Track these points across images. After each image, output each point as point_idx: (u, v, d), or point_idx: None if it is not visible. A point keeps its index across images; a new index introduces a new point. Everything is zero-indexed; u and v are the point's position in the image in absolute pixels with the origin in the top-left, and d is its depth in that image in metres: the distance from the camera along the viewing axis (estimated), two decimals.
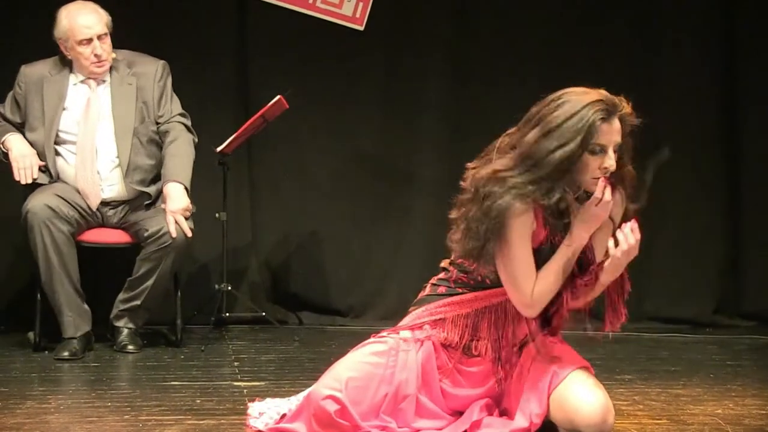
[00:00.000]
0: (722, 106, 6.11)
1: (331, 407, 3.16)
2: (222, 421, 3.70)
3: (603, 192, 3.08)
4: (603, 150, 3.07)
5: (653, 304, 6.02)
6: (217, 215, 5.44)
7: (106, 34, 4.99)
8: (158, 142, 5.09)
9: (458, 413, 3.33)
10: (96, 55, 4.97)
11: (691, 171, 6.05)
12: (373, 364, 3.26)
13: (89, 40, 4.96)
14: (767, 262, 6.03)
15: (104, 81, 5.07)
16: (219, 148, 5.36)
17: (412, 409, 3.25)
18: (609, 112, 3.06)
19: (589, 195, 3.12)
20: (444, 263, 3.41)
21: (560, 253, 3.18)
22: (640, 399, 4.11)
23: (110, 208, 5.02)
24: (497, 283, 3.25)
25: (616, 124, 3.08)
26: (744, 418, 3.86)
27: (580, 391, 3.10)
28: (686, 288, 6.04)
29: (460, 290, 3.33)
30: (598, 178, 3.09)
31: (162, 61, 5.16)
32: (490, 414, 3.29)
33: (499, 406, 3.32)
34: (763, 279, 6.02)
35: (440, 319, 3.33)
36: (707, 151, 6.09)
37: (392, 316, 4.89)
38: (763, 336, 5.70)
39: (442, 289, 3.38)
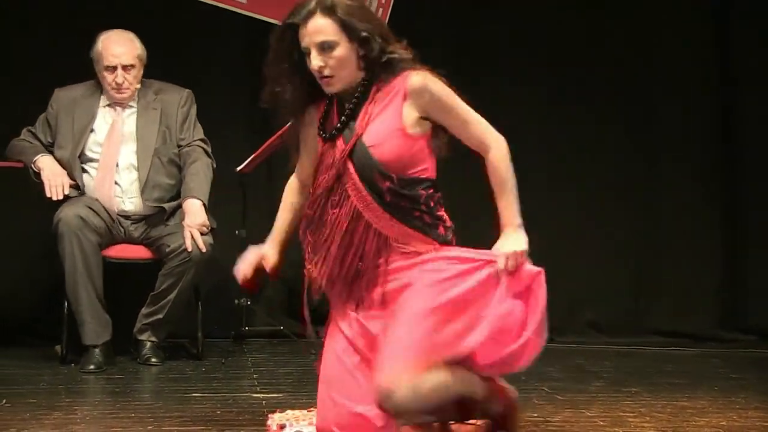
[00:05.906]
0: (721, 119, 6.15)
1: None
2: (242, 431, 3.79)
3: None
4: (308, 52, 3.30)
5: (655, 319, 6.05)
6: (236, 232, 5.54)
7: (132, 65, 5.15)
8: (178, 164, 5.24)
9: None
10: (117, 83, 5.14)
11: (691, 185, 6.10)
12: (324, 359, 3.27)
13: (114, 68, 5.13)
14: None
15: (131, 106, 5.24)
16: (239, 168, 5.47)
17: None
18: (297, 16, 3.30)
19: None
20: None
21: None
22: (647, 411, 4.15)
23: (131, 223, 5.16)
24: None
25: (310, 26, 3.28)
26: (748, 430, 3.91)
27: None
28: (687, 303, 6.05)
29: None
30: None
31: (187, 90, 5.32)
32: None
33: None
34: (764, 294, 6.02)
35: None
36: (707, 165, 6.13)
37: None
38: (766, 350, 5.73)
39: None
